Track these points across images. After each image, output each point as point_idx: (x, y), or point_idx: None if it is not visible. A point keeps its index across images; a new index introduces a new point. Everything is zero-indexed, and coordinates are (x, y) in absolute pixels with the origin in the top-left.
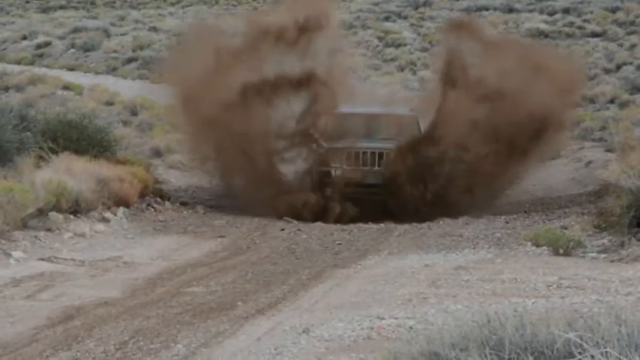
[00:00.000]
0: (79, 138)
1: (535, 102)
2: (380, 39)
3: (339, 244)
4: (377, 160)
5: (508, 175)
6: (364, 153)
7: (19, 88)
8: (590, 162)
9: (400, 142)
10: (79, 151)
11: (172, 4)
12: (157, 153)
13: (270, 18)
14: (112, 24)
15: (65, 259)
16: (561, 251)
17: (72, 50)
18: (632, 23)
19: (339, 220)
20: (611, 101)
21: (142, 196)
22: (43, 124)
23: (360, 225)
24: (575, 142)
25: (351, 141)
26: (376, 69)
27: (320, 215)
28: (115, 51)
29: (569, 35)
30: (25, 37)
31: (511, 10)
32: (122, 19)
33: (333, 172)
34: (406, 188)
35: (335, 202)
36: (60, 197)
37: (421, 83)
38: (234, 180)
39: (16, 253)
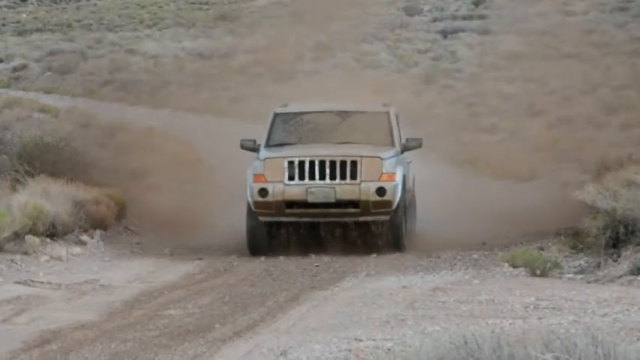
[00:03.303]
0: (55, 161)
1: None
2: (357, 61)
3: (316, 265)
4: (329, 171)
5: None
6: (311, 163)
7: None
8: (565, 183)
9: (365, 147)
10: (55, 174)
11: (149, 27)
12: (134, 175)
13: None
14: (89, 47)
15: (42, 283)
16: (538, 272)
17: (48, 73)
18: (607, 44)
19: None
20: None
21: (119, 218)
22: (20, 147)
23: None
24: (551, 162)
25: (295, 148)
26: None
27: (259, 247)
28: (92, 73)
29: (545, 57)
30: (1, 60)
31: (487, 33)
32: (99, 41)
33: (270, 190)
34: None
35: (277, 228)
36: (36, 220)
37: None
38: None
39: None
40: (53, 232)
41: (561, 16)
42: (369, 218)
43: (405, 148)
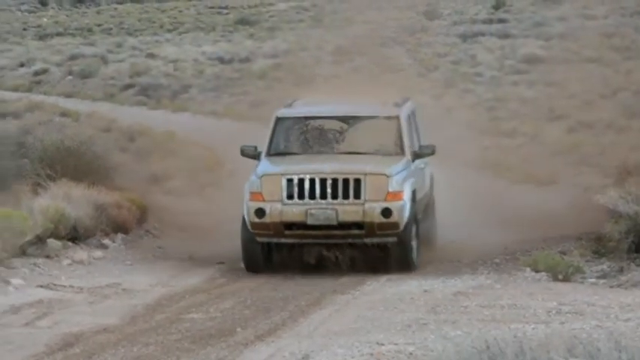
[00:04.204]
0: (76, 165)
1: None
2: (377, 65)
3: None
4: (331, 190)
5: None
6: (311, 181)
7: (16, 115)
8: (587, 187)
9: (371, 161)
10: (76, 178)
11: (169, 31)
12: (155, 179)
13: None
14: (109, 51)
15: (64, 286)
16: (560, 277)
17: (69, 77)
18: (628, 48)
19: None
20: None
21: (140, 222)
22: (41, 151)
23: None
24: (571, 167)
25: (296, 160)
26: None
27: (256, 265)
28: (113, 78)
29: (565, 60)
30: (22, 65)
31: (507, 36)
32: (119, 45)
33: (267, 210)
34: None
35: (275, 246)
36: (58, 224)
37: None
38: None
39: (15, 281)
40: (75, 236)
41: (581, 19)
42: (374, 240)
43: (416, 156)
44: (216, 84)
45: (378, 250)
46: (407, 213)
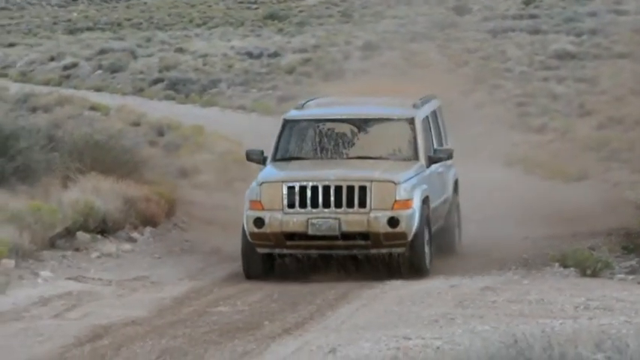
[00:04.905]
0: (105, 158)
1: None
2: (406, 60)
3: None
4: (334, 199)
5: None
6: (314, 189)
7: (46, 109)
8: (616, 183)
9: (380, 167)
10: (105, 172)
11: (199, 26)
12: (184, 173)
13: None
14: (139, 45)
15: (93, 279)
16: (589, 272)
17: (99, 71)
18: None
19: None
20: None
21: (169, 216)
22: (71, 145)
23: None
24: (601, 163)
25: (300, 166)
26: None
27: (256, 273)
28: (142, 72)
29: (596, 56)
30: (52, 59)
31: (537, 32)
32: (148, 40)
33: (266, 220)
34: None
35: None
36: (87, 217)
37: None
38: None
39: (44, 273)
40: (104, 229)
41: (613, 15)
42: (382, 251)
43: (432, 161)
44: (245, 79)
45: (387, 259)
46: (416, 222)
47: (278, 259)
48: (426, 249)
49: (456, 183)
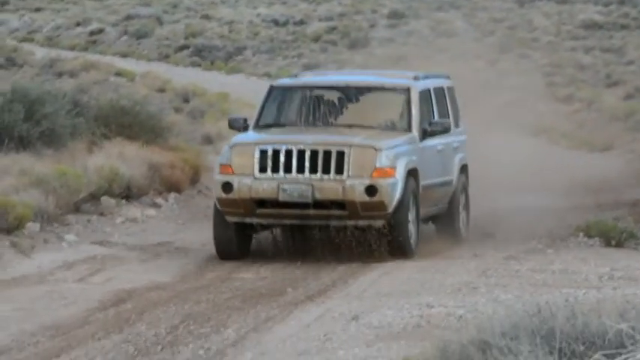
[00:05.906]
0: (131, 124)
1: None
2: (432, 29)
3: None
4: (309, 164)
5: None
6: (288, 152)
7: (72, 74)
8: None
9: (362, 133)
10: (131, 137)
11: None
12: (208, 140)
13: None
14: (165, 11)
15: (117, 244)
16: (613, 242)
17: (125, 37)
18: None
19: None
20: None
21: (193, 182)
22: (96, 110)
23: None
24: (628, 133)
25: (280, 131)
26: (427, 59)
27: (227, 251)
28: (167, 38)
29: (624, 27)
30: (78, 24)
31: (565, 2)
32: (175, 6)
33: (235, 184)
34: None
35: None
36: (112, 182)
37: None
38: None
39: (69, 237)
40: (128, 194)
41: None
42: (360, 223)
43: (426, 134)
44: (271, 46)
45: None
46: (398, 193)
47: (251, 239)
48: (411, 227)
49: (463, 169)
